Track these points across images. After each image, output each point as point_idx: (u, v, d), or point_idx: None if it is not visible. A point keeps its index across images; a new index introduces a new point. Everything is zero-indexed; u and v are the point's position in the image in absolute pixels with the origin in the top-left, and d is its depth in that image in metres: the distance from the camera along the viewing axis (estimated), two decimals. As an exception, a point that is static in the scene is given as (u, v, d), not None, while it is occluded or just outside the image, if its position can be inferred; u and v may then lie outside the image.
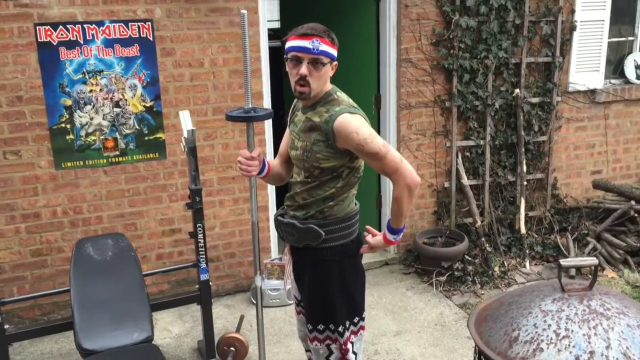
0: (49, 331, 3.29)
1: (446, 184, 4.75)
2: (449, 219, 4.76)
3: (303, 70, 2.25)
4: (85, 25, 3.64)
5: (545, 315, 2.07)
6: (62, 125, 3.73)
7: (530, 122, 4.82)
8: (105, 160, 3.86)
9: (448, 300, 4.20)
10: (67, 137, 3.75)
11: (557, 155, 5.06)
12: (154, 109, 3.90)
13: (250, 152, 2.45)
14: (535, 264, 4.67)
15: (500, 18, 4.53)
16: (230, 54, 3.98)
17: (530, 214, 4.96)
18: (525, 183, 4.86)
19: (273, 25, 6.48)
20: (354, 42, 4.71)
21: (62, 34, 3.61)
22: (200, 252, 3.27)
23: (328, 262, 2.40)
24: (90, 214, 3.90)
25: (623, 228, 4.74)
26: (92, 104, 3.77)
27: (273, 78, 4.26)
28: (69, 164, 3.79)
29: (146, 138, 3.91)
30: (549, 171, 4.99)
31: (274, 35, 5.68)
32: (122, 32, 3.73)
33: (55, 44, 3.61)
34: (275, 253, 4.43)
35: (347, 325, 2.45)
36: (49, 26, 3.57)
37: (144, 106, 3.88)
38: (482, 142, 4.72)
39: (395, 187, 2.30)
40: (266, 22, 4.10)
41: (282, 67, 2.35)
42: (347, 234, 2.42)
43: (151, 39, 3.79)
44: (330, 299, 2.40)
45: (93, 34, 3.67)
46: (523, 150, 4.77)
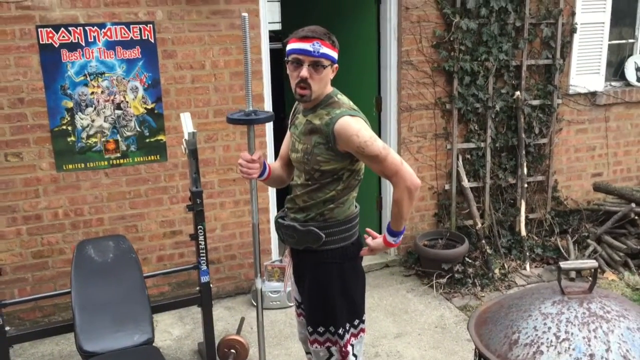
0: (49, 333, 3.30)
1: (447, 186, 4.75)
2: (449, 221, 4.77)
3: (304, 72, 2.25)
4: (86, 28, 3.65)
5: (545, 318, 2.08)
6: (64, 127, 3.74)
7: (531, 124, 4.82)
8: (106, 162, 3.86)
9: (448, 302, 4.20)
10: (69, 139, 3.76)
11: (558, 157, 5.06)
12: (155, 111, 3.91)
13: (251, 155, 2.45)
14: (536, 267, 4.67)
15: (500, 20, 4.54)
16: (231, 56, 3.99)
17: (531, 216, 4.97)
18: (526, 185, 4.86)
19: (274, 27, 6.50)
20: (355, 44, 4.71)
21: (63, 36, 3.62)
22: (201, 254, 3.27)
23: (328, 264, 2.41)
24: (91, 216, 3.91)
25: (623, 230, 4.74)
26: (94, 106, 3.78)
27: (274, 80, 4.27)
28: (70, 166, 3.80)
29: (147, 140, 3.92)
30: (550, 173, 4.99)
31: (275, 37, 5.70)
32: (124, 34, 3.74)
33: (57, 46, 3.62)
34: (275, 255, 4.44)
35: (347, 328, 2.45)
36: (50, 28, 3.58)
37: (145, 108, 3.88)
38: (482, 145, 4.73)
39: (396, 189, 2.30)
40: (267, 24, 4.11)
41: (283, 69, 2.36)
42: (347, 236, 2.42)
43: (152, 41, 3.80)
44: (331, 302, 2.41)
45: (95, 36, 3.68)
46: (524, 152, 4.78)
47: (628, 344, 1.97)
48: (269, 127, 4.20)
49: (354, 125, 2.25)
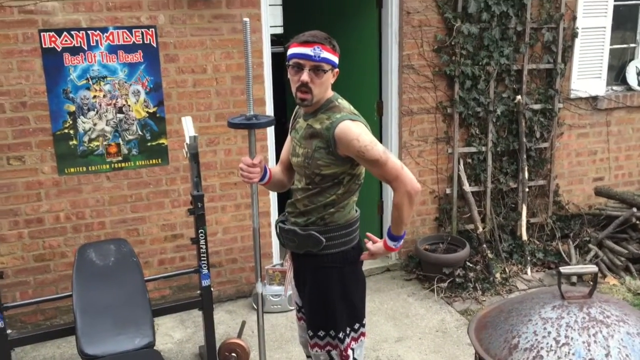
0: (51, 336, 3.30)
1: (448, 191, 4.76)
2: (450, 226, 4.77)
3: (304, 77, 2.26)
4: (89, 32, 3.67)
5: (545, 323, 2.08)
6: (66, 131, 3.75)
7: (532, 128, 4.83)
8: (108, 166, 3.87)
9: (449, 306, 4.20)
10: (71, 143, 3.77)
11: (559, 162, 5.06)
12: (157, 115, 3.92)
13: (251, 159, 2.46)
14: (537, 271, 4.67)
15: (501, 25, 4.54)
16: (233, 60, 4.00)
17: (532, 220, 4.96)
18: (527, 190, 4.86)
19: (276, 30, 6.52)
20: (356, 48, 4.73)
21: (66, 40, 3.64)
22: (202, 258, 3.28)
23: (329, 268, 2.41)
24: (92, 220, 3.92)
25: (625, 235, 4.73)
26: (96, 109, 3.79)
27: (276, 84, 4.28)
28: (72, 170, 3.81)
29: (149, 144, 3.93)
30: (551, 178, 4.99)
31: (277, 40, 5.72)
32: (126, 38, 3.76)
33: (59, 50, 3.64)
34: (276, 259, 4.44)
35: (347, 332, 2.46)
36: (53, 32, 3.60)
37: (147, 112, 3.90)
38: (483, 149, 4.73)
39: (396, 194, 2.31)
40: (269, 28, 4.12)
41: (285, 73, 2.37)
42: (347, 240, 2.43)
43: (154, 45, 3.82)
44: (331, 306, 2.41)
45: (97, 40, 3.70)
46: (525, 156, 4.78)
47: (628, 348, 1.97)
48: (270, 131, 4.20)
49: (354, 130, 2.26)
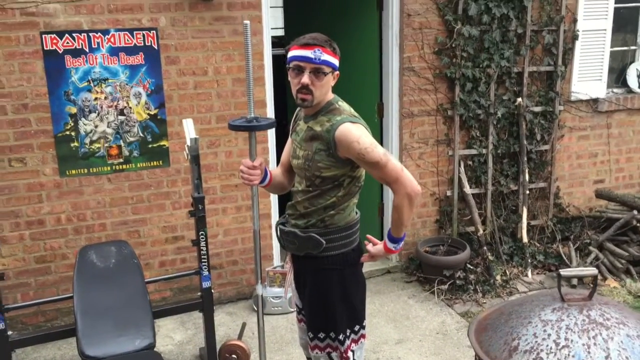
0: (52, 337, 3.31)
1: (448, 193, 4.76)
2: (451, 228, 4.77)
3: (305, 79, 2.27)
4: (90, 34, 3.68)
5: (545, 325, 2.08)
6: (67, 132, 3.76)
7: (533, 131, 4.83)
8: (109, 168, 3.88)
9: (450, 309, 4.20)
10: (72, 145, 3.78)
11: (560, 164, 5.06)
12: (158, 117, 3.93)
13: (252, 162, 2.47)
14: (538, 273, 4.67)
15: (502, 27, 4.55)
16: (234, 62, 4.01)
17: (533, 223, 4.97)
18: (528, 192, 4.86)
19: (278, 32, 6.53)
20: (357, 50, 4.73)
21: (67, 42, 3.65)
22: (203, 260, 3.28)
23: (329, 270, 2.42)
24: (94, 221, 3.92)
25: (625, 238, 4.74)
26: (97, 111, 3.80)
27: (277, 86, 4.29)
28: (73, 172, 3.81)
29: (150, 146, 3.94)
30: (552, 180, 4.99)
31: (278, 43, 5.73)
32: (127, 40, 3.77)
33: (61, 52, 3.65)
34: (277, 261, 4.44)
35: (347, 334, 2.46)
36: (54, 34, 3.61)
37: (148, 114, 3.91)
38: (484, 151, 4.74)
39: (396, 196, 2.31)
40: (270, 30, 4.13)
41: (286, 75, 2.38)
42: (347, 242, 2.43)
43: (156, 47, 3.83)
44: (331, 308, 2.41)
45: (98, 42, 3.71)
46: (525, 159, 4.78)
47: (628, 351, 1.97)
48: (271, 133, 4.21)
49: (354, 132, 2.26)
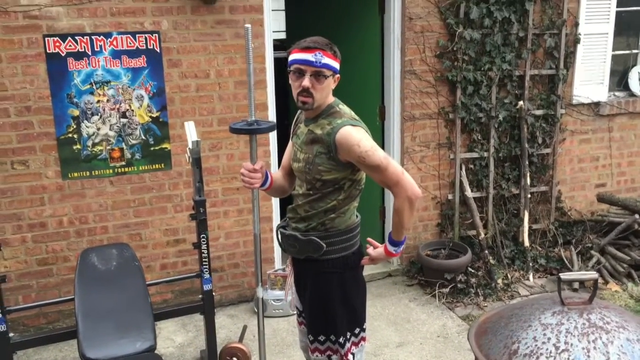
0: (53, 340, 3.32)
1: (450, 196, 4.76)
2: (452, 231, 4.77)
3: (305, 82, 2.28)
4: (93, 37, 3.69)
5: (545, 329, 2.08)
6: (70, 135, 3.77)
7: (534, 134, 4.83)
8: (111, 171, 3.89)
9: (451, 312, 4.20)
10: (74, 147, 3.79)
11: (561, 168, 5.06)
12: (160, 120, 3.94)
13: (253, 165, 2.48)
14: (539, 277, 4.67)
15: (504, 31, 4.55)
16: (235, 65, 4.02)
17: (534, 226, 4.96)
18: (529, 196, 4.86)
19: (280, 35, 6.53)
20: (359, 53, 4.74)
21: (70, 45, 3.66)
22: (204, 263, 3.29)
23: (329, 273, 2.42)
24: (95, 224, 3.93)
25: (627, 242, 4.73)
26: (99, 114, 3.81)
27: (278, 88, 4.30)
28: (75, 174, 3.83)
29: (152, 148, 3.95)
30: (553, 184, 4.99)
31: (280, 45, 5.73)
32: (130, 43, 3.78)
33: (63, 55, 3.66)
34: (278, 263, 4.45)
35: (347, 337, 2.46)
36: (57, 37, 3.63)
37: (150, 117, 3.92)
38: (485, 154, 4.74)
39: (397, 199, 2.32)
40: (272, 33, 4.14)
41: (288, 77, 2.39)
42: (348, 246, 2.44)
43: (158, 50, 3.84)
44: (331, 310, 2.42)
45: (101, 45, 3.72)
46: (527, 162, 4.78)
47: (628, 355, 1.97)
48: (273, 136, 4.22)
49: (355, 135, 2.27)
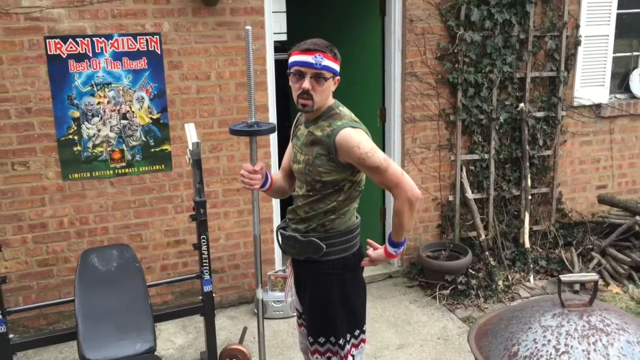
0: (53, 341, 3.32)
1: (450, 198, 4.76)
2: (453, 233, 4.77)
3: (306, 84, 2.28)
4: (94, 39, 3.70)
5: (545, 331, 2.08)
6: (70, 136, 3.78)
7: (535, 136, 4.83)
8: (111, 172, 3.90)
9: (451, 314, 4.19)
10: (75, 149, 3.80)
11: (562, 169, 5.06)
12: (161, 121, 3.94)
13: (252, 166, 2.48)
14: (540, 279, 4.66)
15: (504, 33, 4.55)
16: (236, 67, 4.02)
17: (535, 228, 4.96)
18: (530, 197, 4.86)
19: (281, 37, 6.53)
20: (360, 55, 4.75)
21: (71, 47, 3.67)
22: (204, 264, 3.29)
23: (329, 275, 2.42)
24: (96, 225, 3.93)
25: (628, 243, 4.72)
26: (100, 116, 3.82)
27: (279, 90, 4.30)
28: (76, 175, 3.83)
29: (152, 150, 3.95)
30: (554, 185, 4.99)
31: (281, 47, 5.73)
32: (131, 45, 3.78)
33: (64, 56, 3.67)
34: (279, 265, 4.45)
35: (347, 338, 2.46)
36: (58, 39, 3.63)
37: (151, 118, 3.92)
38: (486, 156, 4.73)
39: (396, 200, 2.32)
40: (272, 35, 4.14)
41: (288, 79, 2.39)
42: (348, 247, 2.44)
43: (159, 52, 3.84)
44: (331, 312, 2.42)
45: (102, 47, 3.73)
46: (528, 164, 4.78)
47: (628, 357, 1.97)
48: (274, 137, 4.22)
49: (355, 137, 2.27)
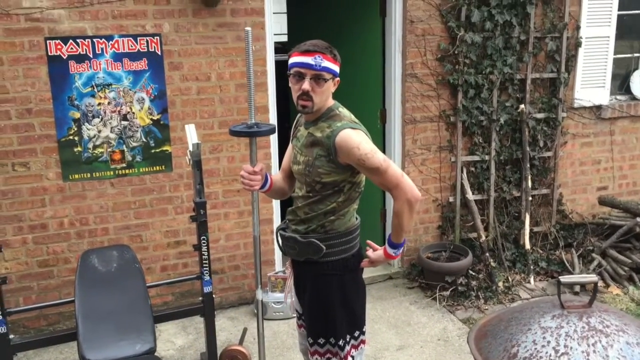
0: (53, 341, 3.32)
1: (451, 199, 4.76)
2: (453, 234, 4.76)
3: (305, 85, 2.29)
4: (94, 40, 3.70)
5: (545, 332, 2.08)
6: (71, 137, 3.78)
7: (536, 137, 4.82)
8: (112, 173, 3.90)
9: (451, 315, 4.19)
10: (75, 150, 3.80)
11: (563, 171, 5.06)
12: (161, 122, 3.95)
13: (252, 167, 2.48)
14: (540, 280, 4.66)
15: (505, 34, 4.55)
16: (237, 68, 4.02)
17: (535, 229, 4.96)
18: (530, 198, 4.85)
19: (281, 38, 6.54)
20: (360, 56, 4.75)
21: (72, 48, 3.67)
22: (204, 265, 3.29)
23: (329, 276, 2.42)
24: (96, 226, 3.94)
25: (628, 245, 4.72)
26: (100, 116, 3.82)
27: (280, 91, 4.31)
28: (76, 176, 3.83)
29: (153, 151, 3.96)
30: (555, 187, 4.98)
31: (281, 48, 5.74)
32: (131, 46, 3.79)
33: (65, 57, 3.67)
34: (279, 266, 4.45)
35: (347, 339, 2.46)
36: (59, 40, 3.64)
37: (151, 119, 3.92)
38: (487, 157, 4.73)
39: (396, 202, 2.32)
40: (273, 36, 4.15)
41: (288, 80, 2.39)
42: (347, 248, 2.44)
43: (159, 53, 3.85)
44: (331, 313, 2.42)
45: (102, 48, 3.73)
46: (528, 165, 4.78)
47: (627, 358, 1.97)
48: (274, 138, 4.22)
49: (355, 138, 2.27)
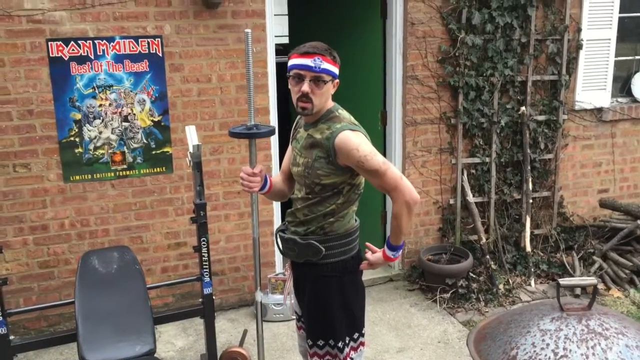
0: (53, 342, 3.31)
1: (451, 201, 4.75)
2: (453, 236, 4.76)
3: (305, 87, 2.29)
4: (96, 41, 3.71)
5: (544, 335, 2.08)
6: (72, 138, 3.79)
7: (537, 140, 4.82)
8: (112, 174, 3.91)
9: (452, 317, 4.19)
10: (76, 151, 3.81)
11: (564, 173, 5.05)
12: (162, 124, 3.95)
13: (252, 169, 2.48)
14: (541, 283, 4.65)
15: (506, 36, 4.55)
16: (237, 69, 4.03)
17: (536, 232, 4.95)
18: (531, 201, 4.85)
19: (282, 40, 6.55)
20: (361, 58, 4.75)
21: (73, 50, 3.68)
22: (204, 266, 3.29)
23: (328, 277, 2.42)
24: (97, 227, 3.94)
25: (629, 247, 4.71)
26: (101, 118, 3.83)
27: (280, 93, 4.31)
28: (77, 177, 3.84)
29: (153, 152, 3.96)
30: (555, 189, 4.98)
31: (282, 50, 5.75)
32: (132, 47, 3.80)
33: (66, 59, 3.68)
34: (279, 267, 4.45)
35: (346, 341, 2.46)
36: (60, 42, 3.65)
37: (152, 121, 3.93)
38: (487, 160, 4.73)
39: (395, 204, 2.32)
40: (274, 38, 4.15)
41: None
42: (347, 250, 2.44)
43: (160, 54, 3.86)
44: (330, 315, 2.42)
45: (103, 50, 3.74)
46: (529, 168, 4.78)
47: (626, 361, 1.97)
48: (274, 140, 4.23)
49: (354, 140, 2.28)
